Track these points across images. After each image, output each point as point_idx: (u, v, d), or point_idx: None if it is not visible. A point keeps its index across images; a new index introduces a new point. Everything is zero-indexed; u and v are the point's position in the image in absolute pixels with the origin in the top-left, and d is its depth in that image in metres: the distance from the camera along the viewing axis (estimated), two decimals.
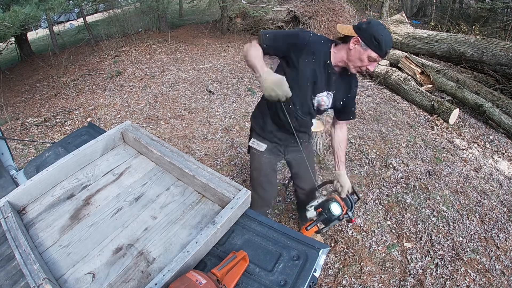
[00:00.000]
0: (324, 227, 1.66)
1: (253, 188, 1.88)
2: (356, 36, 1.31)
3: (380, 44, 1.27)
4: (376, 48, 1.29)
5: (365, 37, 1.29)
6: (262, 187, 1.85)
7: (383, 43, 1.27)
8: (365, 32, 1.29)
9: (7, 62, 7.80)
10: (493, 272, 2.10)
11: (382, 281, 2.04)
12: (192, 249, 0.98)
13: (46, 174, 1.32)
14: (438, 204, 2.62)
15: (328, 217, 1.59)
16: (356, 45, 1.32)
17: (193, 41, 7.31)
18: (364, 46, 1.31)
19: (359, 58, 1.33)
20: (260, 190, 1.86)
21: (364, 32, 1.29)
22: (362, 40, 1.30)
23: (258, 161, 1.78)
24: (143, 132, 1.55)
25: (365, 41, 1.30)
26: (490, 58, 4.14)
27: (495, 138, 3.51)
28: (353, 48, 1.33)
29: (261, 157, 1.76)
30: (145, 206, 1.27)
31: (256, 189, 1.86)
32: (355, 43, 1.32)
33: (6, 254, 1.11)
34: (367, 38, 1.29)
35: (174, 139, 3.59)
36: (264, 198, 1.91)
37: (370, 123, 3.74)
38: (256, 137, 1.75)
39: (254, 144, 1.75)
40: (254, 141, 1.75)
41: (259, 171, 1.80)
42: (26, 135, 3.91)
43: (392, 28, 5.12)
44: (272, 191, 1.93)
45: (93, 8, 9.35)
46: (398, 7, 10.52)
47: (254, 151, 1.77)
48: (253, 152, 1.78)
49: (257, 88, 4.74)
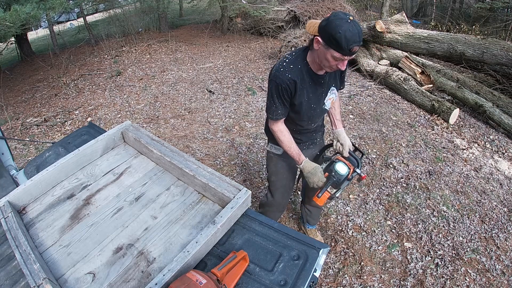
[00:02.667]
0: (336, 191, 1.57)
1: (271, 192, 1.85)
2: (316, 36, 1.22)
3: (339, 42, 1.14)
4: (337, 47, 1.17)
5: (324, 36, 1.19)
6: (279, 191, 1.84)
7: (343, 41, 1.14)
8: (323, 31, 1.18)
9: (7, 62, 7.81)
10: (493, 272, 2.10)
11: (382, 281, 2.04)
12: (192, 249, 0.98)
13: (46, 174, 1.33)
14: (438, 204, 2.62)
15: (336, 179, 1.52)
16: (319, 45, 1.23)
17: (193, 41, 7.31)
18: (325, 45, 1.20)
19: (325, 58, 1.24)
20: (278, 195, 1.84)
21: (323, 31, 1.19)
22: (322, 39, 1.20)
23: (275, 164, 1.76)
24: (143, 132, 1.55)
25: (324, 40, 1.19)
26: (491, 58, 4.13)
27: (495, 138, 3.51)
28: (318, 49, 1.25)
29: (279, 160, 1.73)
30: (145, 206, 1.27)
31: (273, 193, 1.84)
32: (317, 43, 1.23)
33: (6, 254, 1.11)
34: (326, 37, 1.18)
35: (174, 139, 3.59)
36: (281, 203, 1.90)
37: (370, 123, 3.74)
38: (273, 143, 1.73)
39: (271, 148, 1.73)
40: (272, 146, 1.72)
41: (276, 175, 1.78)
42: (26, 135, 3.91)
43: (392, 27, 5.11)
44: (289, 195, 1.92)
45: (93, 8, 9.35)
46: (398, 7, 10.51)
47: (272, 155, 1.74)
48: (271, 156, 1.76)
49: (258, 88, 4.74)
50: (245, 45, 6.89)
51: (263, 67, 5.55)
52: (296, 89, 1.40)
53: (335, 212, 2.55)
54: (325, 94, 1.53)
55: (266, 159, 1.83)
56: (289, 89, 1.39)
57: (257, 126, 3.74)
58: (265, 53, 6.19)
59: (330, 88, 1.54)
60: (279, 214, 1.99)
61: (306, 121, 1.59)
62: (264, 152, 3.18)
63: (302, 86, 1.41)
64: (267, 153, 1.79)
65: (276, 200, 1.86)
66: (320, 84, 1.47)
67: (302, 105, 1.47)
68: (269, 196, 1.88)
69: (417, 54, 5.01)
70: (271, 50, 6.25)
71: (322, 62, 1.29)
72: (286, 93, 1.40)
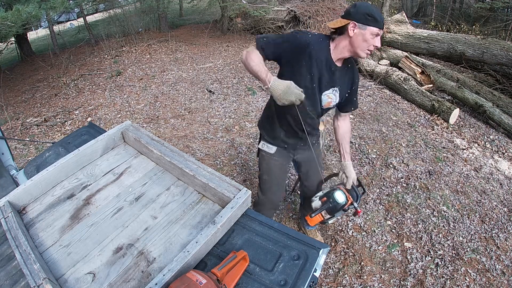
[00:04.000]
0: (329, 217, 1.62)
1: (262, 191, 1.86)
2: (350, 21, 1.32)
3: (375, 17, 1.30)
4: (374, 22, 1.30)
5: (359, 18, 1.31)
6: (271, 190, 1.84)
7: (377, 15, 1.30)
8: (356, 14, 1.31)
9: (8, 62, 7.81)
10: (493, 272, 2.10)
11: (382, 281, 2.04)
12: (192, 249, 0.98)
13: (46, 174, 1.32)
14: (438, 204, 2.62)
15: (333, 206, 1.56)
16: (355, 29, 1.33)
17: (193, 41, 7.31)
18: (362, 26, 1.31)
19: (363, 39, 1.33)
20: (270, 193, 1.85)
21: (356, 14, 1.31)
22: (358, 22, 1.31)
23: (268, 163, 1.76)
24: (143, 132, 1.55)
25: (361, 21, 1.31)
26: (491, 57, 4.13)
27: (496, 138, 3.51)
28: (354, 34, 1.34)
29: (271, 159, 1.74)
30: (145, 206, 1.27)
31: (265, 192, 1.85)
32: (353, 28, 1.33)
33: (6, 254, 1.11)
34: (362, 18, 1.31)
35: (174, 139, 3.59)
36: (273, 201, 1.90)
37: (371, 123, 3.74)
38: (265, 141, 1.73)
39: (263, 146, 1.73)
40: (264, 144, 1.73)
41: (268, 174, 1.79)
42: (26, 135, 3.91)
43: (392, 27, 5.11)
44: (281, 194, 1.93)
45: (93, 8, 9.35)
46: (398, 7, 10.50)
47: (264, 153, 1.74)
48: (263, 155, 1.76)
49: (258, 88, 4.74)
50: (245, 45, 6.89)
51: None
52: (305, 54, 1.36)
53: None
54: (328, 86, 1.48)
55: (259, 157, 1.81)
56: (303, 45, 1.36)
57: (257, 126, 3.74)
58: None
59: (335, 86, 1.50)
60: (272, 211, 2.00)
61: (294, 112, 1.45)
62: None
63: (313, 59, 1.38)
64: (259, 151, 1.79)
65: (268, 197, 1.86)
66: (330, 72, 1.44)
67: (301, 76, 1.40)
68: (260, 194, 1.89)
69: (417, 54, 5.01)
70: None
71: (359, 46, 1.35)
72: (297, 42, 1.36)
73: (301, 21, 5.73)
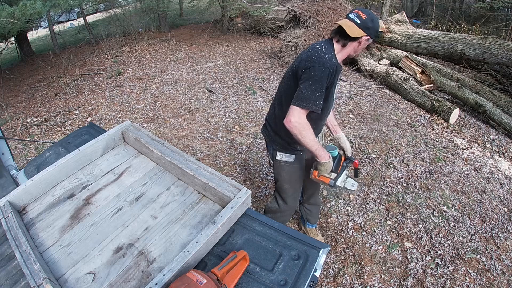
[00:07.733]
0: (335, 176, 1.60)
1: (284, 199, 1.86)
2: (366, 35, 1.48)
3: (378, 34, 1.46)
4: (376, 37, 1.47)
5: (372, 33, 1.50)
6: (293, 197, 1.86)
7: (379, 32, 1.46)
8: (373, 30, 1.49)
9: (8, 62, 7.81)
10: (493, 272, 2.10)
11: (383, 280, 2.04)
12: (193, 249, 0.98)
13: (47, 173, 1.33)
14: (438, 204, 2.62)
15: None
16: (366, 41, 1.53)
17: (193, 41, 7.32)
18: (370, 39, 1.53)
19: (362, 48, 1.57)
20: (291, 200, 1.86)
21: (372, 30, 1.49)
22: (371, 36, 1.51)
23: (288, 172, 1.75)
24: (143, 131, 1.55)
25: (372, 36, 1.52)
26: (491, 57, 4.13)
27: (496, 138, 3.51)
28: (363, 44, 1.53)
29: (291, 167, 1.73)
30: (145, 205, 1.27)
31: (287, 200, 1.86)
32: (367, 40, 1.52)
33: (6, 254, 1.11)
34: (374, 33, 1.51)
35: (174, 138, 3.59)
36: (295, 207, 1.94)
37: (371, 123, 3.74)
38: (283, 151, 1.70)
39: (282, 157, 1.71)
40: (282, 154, 1.71)
41: (290, 182, 1.79)
42: (27, 135, 3.91)
43: (392, 27, 5.11)
44: (299, 197, 2.00)
45: (94, 7, 9.36)
46: (398, 7, 10.50)
47: (283, 163, 1.73)
48: (281, 165, 1.74)
49: (258, 88, 4.74)
50: (245, 45, 6.89)
51: (263, 67, 5.55)
52: (335, 76, 1.49)
53: (335, 212, 2.55)
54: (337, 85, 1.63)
55: (276, 168, 1.78)
56: (334, 75, 1.47)
57: (257, 126, 3.74)
58: (265, 53, 6.19)
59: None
60: (290, 217, 2.03)
61: (324, 117, 1.65)
62: (265, 152, 3.18)
63: (336, 76, 1.52)
64: (277, 162, 1.74)
65: (289, 205, 1.88)
66: (340, 74, 1.59)
67: (330, 95, 1.54)
68: (281, 203, 1.89)
69: (417, 54, 5.00)
70: (271, 50, 6.25)
71: (357, 52, 1.57)
72: (331, 80, 1.46)
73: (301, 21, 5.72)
